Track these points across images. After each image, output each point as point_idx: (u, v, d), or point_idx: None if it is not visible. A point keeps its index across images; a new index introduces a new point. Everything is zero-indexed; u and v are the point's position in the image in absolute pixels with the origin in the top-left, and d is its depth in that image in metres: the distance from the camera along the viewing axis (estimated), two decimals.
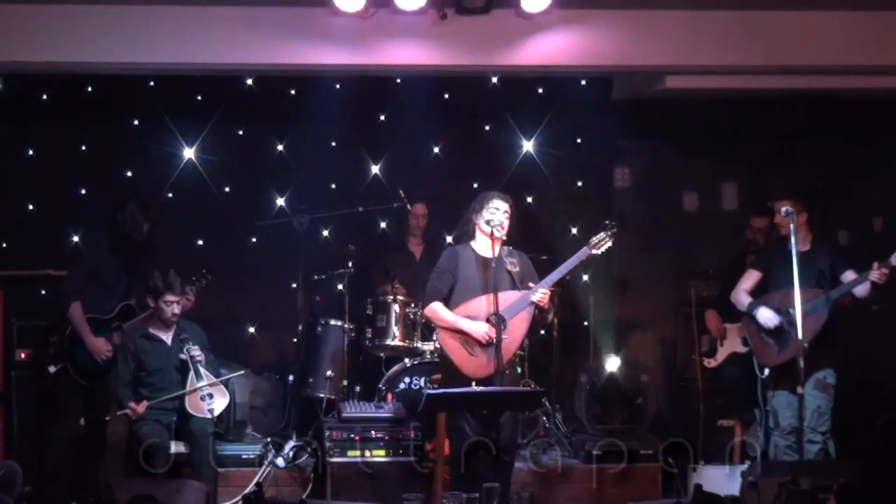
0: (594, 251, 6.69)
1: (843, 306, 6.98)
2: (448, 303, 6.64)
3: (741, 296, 7.21)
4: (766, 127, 8.88)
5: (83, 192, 8.70)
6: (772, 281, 7.12)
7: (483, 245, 6.68)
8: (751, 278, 7.23)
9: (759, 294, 7.18)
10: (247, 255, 8.77)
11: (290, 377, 8.22)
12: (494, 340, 6.41)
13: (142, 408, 7.05)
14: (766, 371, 7.07)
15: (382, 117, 9.00)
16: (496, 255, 6.60)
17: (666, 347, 9.08)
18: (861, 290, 6.90)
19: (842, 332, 7.06)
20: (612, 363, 8.38)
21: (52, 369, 7.36)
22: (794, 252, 6.52)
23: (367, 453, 7.23)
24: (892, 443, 4.41)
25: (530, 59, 7.77)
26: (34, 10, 7.40)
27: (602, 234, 6.69)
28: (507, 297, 6.52)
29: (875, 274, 6.76)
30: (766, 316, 7.01)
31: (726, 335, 7.90)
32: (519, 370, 7.66)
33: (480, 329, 6.48)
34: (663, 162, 9.27)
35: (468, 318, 6.52)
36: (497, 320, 6.43)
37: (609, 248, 6.72)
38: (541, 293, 6.54)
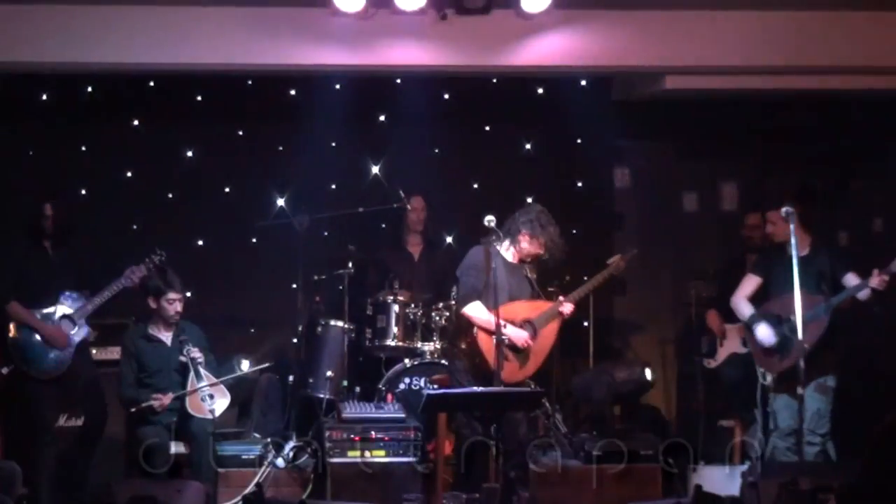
0: (615, 272, 7.10)
1: (843, 308, 6.97)
2: None
3: (741, 305, 7.19)
4: (766, 127, 8.88)
5: (83, 192, 8.70)
6: (772, 285, 7.10)
7: (507, 250, 6.80)
8: (750, 284, 7.21)
9: (760, 298, 7.16)
10: (247, 255, 8.76)
11: (290, 377, 8.22)
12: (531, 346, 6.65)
13: (168, 399, 7.05)
14: (770, 377, 7.05)
15: (382, 117, 8.99)
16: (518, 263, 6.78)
17: (666, 347, 9.08)
18: (862, 294, 6.89)
19: (843, 334, 7.06)
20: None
21: (4, 371, 7.18)
22: (794, 253, 6.52)
23: (367, 453, 7.21)
24: (894, 444, 4.41)
25: (530, 59, 7.77)
26: (34, 10, 7.40)
27: (618, 257, 7.10)
28: (539, 306, 6.70)
29: (875, 281, 6.76)
30: (764, 334, 7.00)
31: (726, 335, 7.90)
32: None
33: (521, 335, 6.59)
34: (663, 162, 9.28)
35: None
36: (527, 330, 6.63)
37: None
38: (570, 307, 6.80)
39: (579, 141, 9.16)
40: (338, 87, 8.59)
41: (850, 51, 7.79)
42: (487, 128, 9.08)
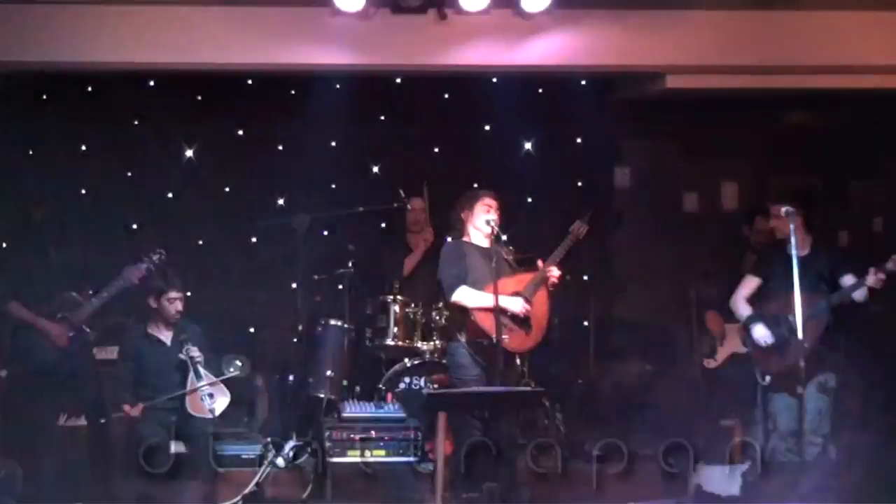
0: (578, 235, 7.05)
1: (843, 307, 6.96)
2: None
3: (740, 305, 7.18)
4: (766, 127, 8.88)
5: (83, 191, 8.70)
6: (771, 286, 7.09)
7: (477, 238, 6.88)
8: (749, 285, 7.19)
9: (759, 299, 7.15)
10: (247, 254, 8.76)
11: (290, 377, 8.22)
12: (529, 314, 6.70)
13: (136, 411, 7.05)
14: (768, 378, 7.04)
15: (382, 117, 8.99)
16: (491, 245, 6.83)
17: (666, 347, 9.08)
18: (859, 294, 6.87)
19: (843, 333, 7.05)
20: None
21: (2, 374, 7.24)
22: (794, 255, 6.51)
23: (367, 453, 7.22)
24: None
25: (530, 59, 7.78)
26: (34, 10, 7.41)
27: (578, 223, 7.04)
28: (523, 279, 6.80)
29: (871, 279, 6.74)
30: (761, 334, 6.99)
31: (726, 335, 7.89)
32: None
33: (518, 301, 6.67)
34: (663, 162, 9.28)
35: None
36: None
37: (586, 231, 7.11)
38: (557, 272, 6.86)
39: (579, 141, 9.16)
40: (338, 86, 8.59)
41: (850, 51, 7.79)
42: (487, 128, 9.08)
